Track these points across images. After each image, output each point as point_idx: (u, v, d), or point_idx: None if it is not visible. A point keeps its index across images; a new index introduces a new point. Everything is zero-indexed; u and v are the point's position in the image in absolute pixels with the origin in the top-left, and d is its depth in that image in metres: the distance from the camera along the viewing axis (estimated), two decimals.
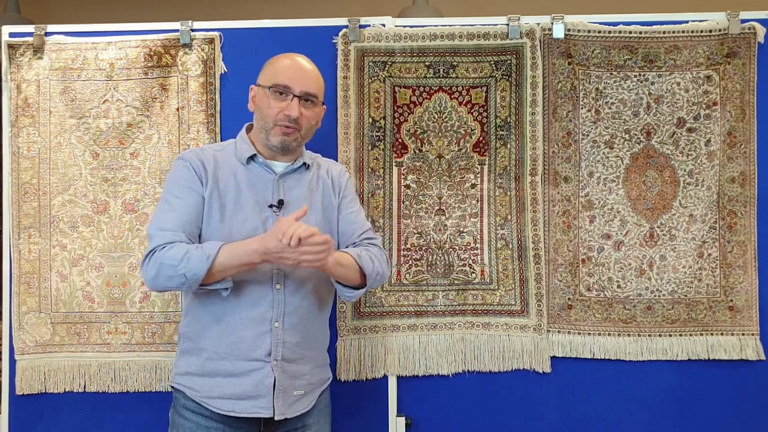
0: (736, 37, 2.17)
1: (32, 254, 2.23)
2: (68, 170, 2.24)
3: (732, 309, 2.19)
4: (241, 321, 1.72)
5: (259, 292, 1.73)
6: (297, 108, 1.74)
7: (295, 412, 1.76)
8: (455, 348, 2.21)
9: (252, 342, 1.72)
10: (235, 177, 1.78)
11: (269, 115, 1.76)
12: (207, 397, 1.73)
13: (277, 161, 1.82)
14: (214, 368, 1.74)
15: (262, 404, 1.72)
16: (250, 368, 1.72)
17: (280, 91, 1.75)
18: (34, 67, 2.24)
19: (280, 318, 1.73)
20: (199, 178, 1.75)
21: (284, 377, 1.73)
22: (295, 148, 1.80)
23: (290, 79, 1.76)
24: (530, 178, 2.21)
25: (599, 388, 2.21)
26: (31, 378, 2.22)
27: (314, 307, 1.80)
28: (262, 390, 1.72)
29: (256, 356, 1.72)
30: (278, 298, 1.74)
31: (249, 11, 3.63)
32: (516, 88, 2.21)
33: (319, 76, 1.83)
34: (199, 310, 1.78)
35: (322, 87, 1.83)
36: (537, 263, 2.21)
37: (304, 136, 1.81)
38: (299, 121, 1.76)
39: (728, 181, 2.19)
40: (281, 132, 1.75)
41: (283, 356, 1.73)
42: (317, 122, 1.85)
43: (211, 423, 1.73)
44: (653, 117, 2.20)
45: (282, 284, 1.74)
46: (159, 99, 2.23)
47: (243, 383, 1.72)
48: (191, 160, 1.77)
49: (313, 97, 1.78)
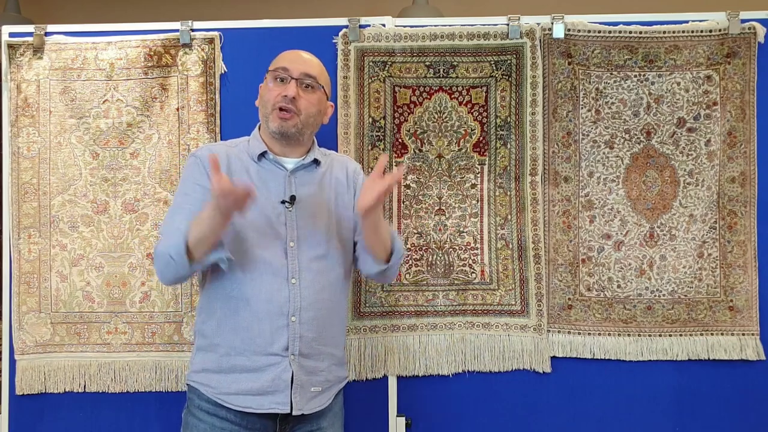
0: (736, 37, 2.17)
1: (32, 254, 2.23)
2: (68, 170, 2.23)
3: (732, 309, 2.19)
4: (257, 315, 1.72)
5: (274, 285, 1.72)
6: (294, 88, 1.76)
7: (312, 408, 1.75)
8: (455, 348, 2.21)
9: (269, 336, 1.72)
10: (248, 173, 1.79)
11: (269, 99, 1.78)
12: (224, 394, 1.72)
13: (288, 157, 1.82)
14: (231, 364, 1.73)
15: (280, 399, 1.71)
16: (267, 363, 1.72)
17: (281, 77, 1.78)
18: (34, 67, 2.24)
19: (297, 312, 1.73)
20: (208, 173, 1.74)
21: (301, 372, 1.73)
22: (295, 134, 1.79)
23: (289, 62, 1.80)
24: (530, 178, 2.21)
25: (599, 388, 2.21)
26: (31, 378, 2.21)
27: (330, 302, 1.80)
28: (279, 385, 1.71)
29: (273, 351, 1.72)
30: (294, 292, 1.73)
31: (249, 11, 3.62)
32: (516, 88, 2.21)
33: (321, 66, 1.85)
34: (214, 305, 1.77)
35: (324, 75, 1.85)
36: (537, 263, 2.21)
37: (305, 123, 1.79)
38: (298, 104, 1.76)
39: (728, 181, 2.19)
40: (279, 116, 1.77)
41: (300, 351, 1.73)
42: (321, 113, 1.84)
43: (226, 424, 1.72)
44: (653, 117, 2.20)
45: (297, 278, 1.74)
46: (159, 99, 2.23)
47: (260, 378, 1.71)
48: (201, 156, 1.79)
49: (312, 80, 1.79)
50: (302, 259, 1.75)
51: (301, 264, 1.75)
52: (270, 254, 1.74)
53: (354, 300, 2.20)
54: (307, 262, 1.76)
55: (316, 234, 1.78)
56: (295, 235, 1.76)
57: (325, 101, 1.86)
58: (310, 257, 1.76)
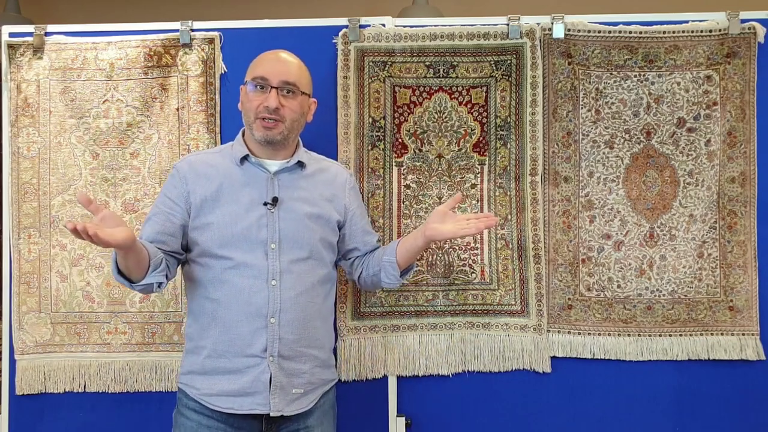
0: (736, 37, 2.17)
1: (32, 254, 2.23)
2: (68, 170, 2.23)
3: (732, 309, 2.19)
4: (237, 317, 1.74)
5: (254, 287, 1.74)
6: (275, 98, 1.76)
7: (294, 410, 1.76)
8: (455, 348, 2.21)
9: (248, 338, 1.74)
10: (230, 177, 1.80)
11: (250, 109, 1.79)
12: (207, 395, 1.75)
13: (271, 160, 1.83)
14: (214, 366, 1.75)
15: (259, 401, 1.73)
16: (247, 365, 1.74)
17: (260, 85, 1.78)
18: (34, 67, 2.24)
19: (277, 314, 1.74)
20: (182, 185, 1.80)
21: (281, 374, 1.74)
22: (281, 141, 1.80)
23: (267, 70, 1.78)
24: (530, 178, 2.21)
25: (599, 388, 2.21)
26: (31, 378, 2.21)
27: (313, 304, 1.81)
28: (258, 386, 1.73)
29: (252, 352, 1.73)
30: (274, 294, 1.75)
31: (249, 11, 3.63)
32: (516, 88, 2.21)
33: (301, 67, 1.84)
34: (198, 309, 1.80)
35: (305, 78, 1.83)
36: (537, 263, 2.21)
37: (290, 128, 1.80)
38: (281, 112, 1.77)
39: (728, 181, 2.19)
40: (262, 126, 1.77)
41: (279, 353, 1.74)
42: (304, 115, 1.85)
43: (213, 422, 1.74)
44: (653, 117, 2.20)
45: (278, 280, 1.75)
46: (159, 99, 2.23)
47: (240, 380, 1.73)
48: (179, 168, 1.84)
49: (292, 87, 1.79)
50: (283, 261, 1.76)
51: (281, 266, 1.76)
52: (250, 256, 1.75)
53: (354, 300, 2.20)
54: (288, 264, 1.76)
55: (298, 236, 1.79)
56: (276, 237, 1.77)
57: (307, 102, 1.86)
58: (291, 259, 1.77)
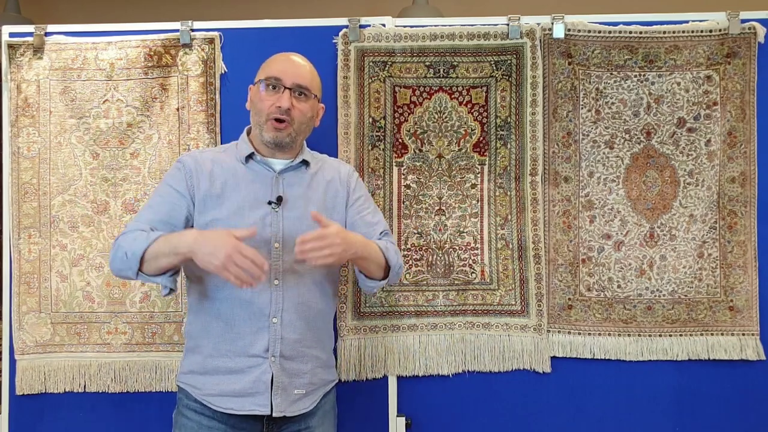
0: (736, 37, 2.17)
1: (32, 254, 2.23)
2: (68, 170, 2.23)
3: (732, 309, 2.19)
4: (239, 317, 1.73)
5: (257, 287, 1.72)
6: (288, 99, 1.76)
7: (296, 411, 1.76)
8: (455, 348, 2.21)
9: (250, 338, 1.73)
10: (235, 175, 1.80)
11: (262, 109, 1.78)
12: (208, 395, 1.74)
13: (276, 159, 1.83)
14: (215, 365, 1.74)
15: (260, 401, 1.72)
16: (248, 365, 1.73)
17: (273, 85, 1.78)
18: (34, 67, 2.24)
19: (279, 314, 1.74)
20: (188, 178, 1.79)
21: (282, 374, 1.73)
22: (288, 143, 1.80)
23: (281, 71, 1.79)
24: (530, 178, 2.21)
25: (599, 388, 2.21)
26: (31, 378, 2.21)
27: (315, 304, 1.80)
28: (259, 387, 1.72)
29: (254, 352, 1.73)
30: (276, 293, 1.74)
31: (249, 11, 3.62)
32: (516, 88, 2.21)
33: (313, 72, 1.84)
34: (199, 307, 1.79)
35: (316, 82, 1.84)
36: (537, 263, 2.21)
37: (298, 131, 1.80)
38: (291, 113, 1.77)
39: (728, 181, 2.19)
40: (273, 127, 1.77)
41: (281, 353, 1.73)
42: (313, 118, 1.85)
43: (213, 423, 1.73)
44: (653, 117, 2.20)
45: (280, 280, 1.75)
46: (159, 99, 2.23)
47: (242, 380, 1.72)
48: (184, 161, 1.82)
49: (305, 90, 1.79)
50: (287, 261, 1.75)
51: (285, 265, 1.75)
52: None
53: (354, 300, 2.20)
54: (292, 263, 1.75)
55: (302, 235, 1.78)
56: (280, 236, 1.76)
57: (317, 106, 1.86)
58: (294, 259, 1.75)
